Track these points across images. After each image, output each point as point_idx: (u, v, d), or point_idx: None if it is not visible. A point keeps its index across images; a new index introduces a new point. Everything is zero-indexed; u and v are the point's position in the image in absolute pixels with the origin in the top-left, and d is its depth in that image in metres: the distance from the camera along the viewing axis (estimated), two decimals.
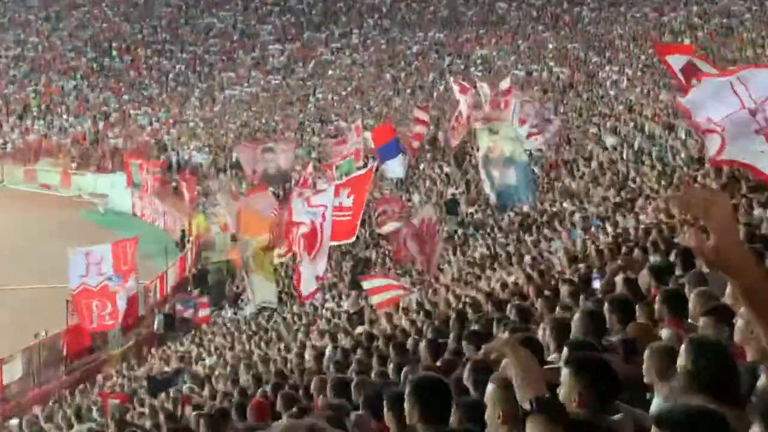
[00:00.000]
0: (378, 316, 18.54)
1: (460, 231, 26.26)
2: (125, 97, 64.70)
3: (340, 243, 23.01)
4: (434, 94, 52.66)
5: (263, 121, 56.50)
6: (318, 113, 55.98)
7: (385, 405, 5.60)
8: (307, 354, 14.93)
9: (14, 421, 21.11)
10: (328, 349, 13.99)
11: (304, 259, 17.71)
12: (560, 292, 11.16)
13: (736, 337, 5.04)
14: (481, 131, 19.52)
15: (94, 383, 25.22)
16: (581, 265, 13.91)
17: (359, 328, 18.04)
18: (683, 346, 4.64)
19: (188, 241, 38.83)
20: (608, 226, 18.20)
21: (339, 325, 19.52)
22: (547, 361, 6.33)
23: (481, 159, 18.93)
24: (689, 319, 6.84)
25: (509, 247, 21.41)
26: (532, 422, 3.87)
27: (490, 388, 4.64)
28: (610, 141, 29.40)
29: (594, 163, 26.94)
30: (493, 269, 19.26)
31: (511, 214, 25.31)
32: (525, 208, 25.17)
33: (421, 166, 36.20)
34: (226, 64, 68.62)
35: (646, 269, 9.97)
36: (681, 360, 4.60)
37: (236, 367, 17.27)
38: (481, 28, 64.24)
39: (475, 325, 11.01)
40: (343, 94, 58.69)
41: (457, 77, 53.15)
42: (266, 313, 25.28)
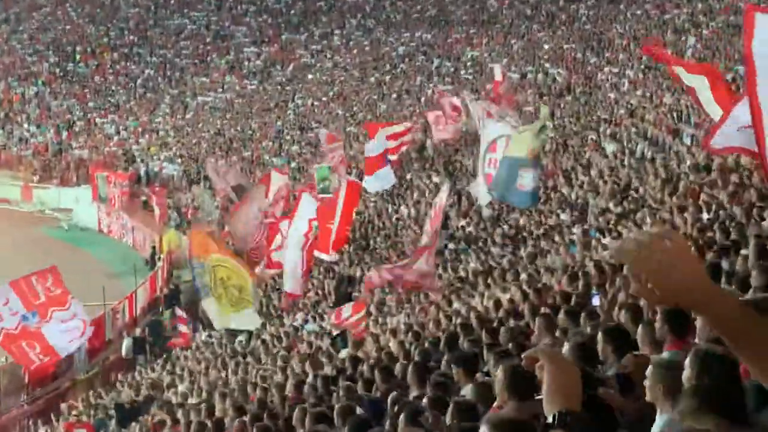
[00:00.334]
0: (364, 338, 18.51)
1: (451, 245, 26.24)
2: (90, 104, 64.64)
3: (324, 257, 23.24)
4: (422, 99, 52.72)
5: (239, 129, 56.48)
6: (297, 120, 56.00)
7: None
8: (289, 382, 14.87)
9: None
10: (309, 377, 13.95)
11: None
12: (558, 312, 11.15)
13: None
14: (520, 134, 19.51)
15: (59, 413, 25.08)
16: (580, 282, 13.91)
17: (343, 352, 18.01)
18: (688, 359, 4.65)
19: (159, 259, 38.71)
20: (608, 239, 18.21)
21: (321, 349, 19.47)
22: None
23: (507, 157, 18.90)
24: (696, 339, 6.81)
25: (503, 263, 21.39)
26: None
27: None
28: (611, 148, 29.45)
29: (594, 172, 26.98)
30: (487, 285, 19.22)
31: (506, 227, 25.32)
32: (521, 222, 25.20)
33: (409, 176, 36.20)
34: (199, 69, 68.64)
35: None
36: (686, 373, 4.61)
37: (211, 394, 17.20)
38: (472, 27, 64.44)
39: (465, 349, 10.99)
40: (325, 99, 58.73)
41: (445, 81, 53.45)
42: (241, 339, 25.23)
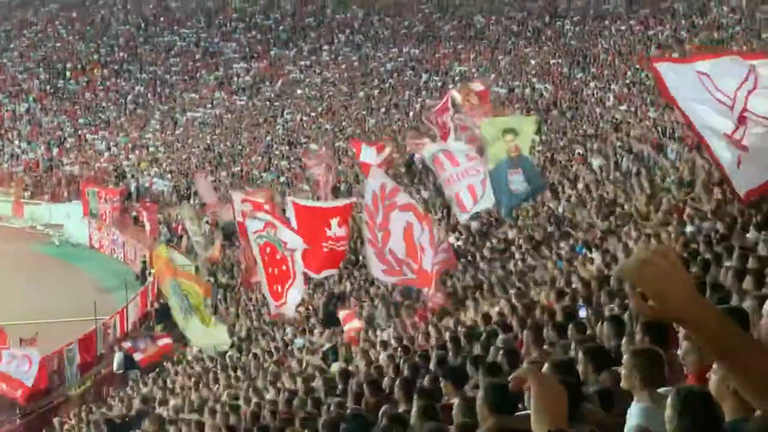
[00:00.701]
0: (354, 353, 18.60)
1: None
2: (81, 120, 64.59)
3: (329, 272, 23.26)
4: (410, 113, 52.86)
5: (228, 145, 56.52)
6: (287, 135, 56.06)
7: None
8: (280, 397, 14.95)
9: None
10: (300, 393, 14.02)
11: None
12: (546, 325, 11.26)
13: (713, 392, 4.95)
14: (490, 126, 19.65)
15: (51, 427, 25.05)
16: (566, 297, 14.02)
17: (334, 366, 18.08)
18: (669, 398, 4.75)
19: (149, 274, 38.68)
20: (595, 254, 18.33)
21: (311, 364, 19.52)
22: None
23: (497, 167, 19.03)
24: (679, 350, 6.90)
25: (492, 277, 21.50)
26: None
27: None
28: (597, 162, 29.62)
29: (580, 186, 27.13)
30: (475, 300, 19.32)
31: (494, 240, 25.44)
32: (510, 235, 25.32)
33: None
34: (189, 85, 68.68)
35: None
36: (668, 412, 4.71)
37: (202, 409, 17.23)
38: (459, 43, 64.62)
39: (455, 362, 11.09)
40: (313, 114, 58.81)
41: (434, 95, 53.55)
42: (230, 354, 25.26)
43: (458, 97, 27.38)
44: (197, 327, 24.72)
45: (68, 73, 69.93)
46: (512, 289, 18.11)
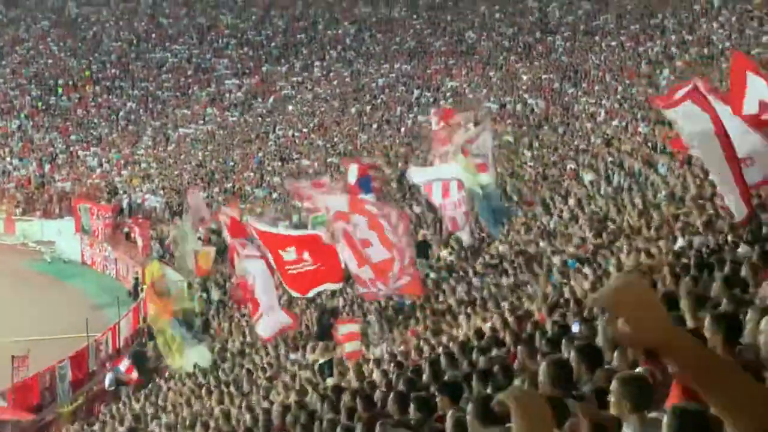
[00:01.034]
0: (348, 368, 18.58)
1: (432, 275, 26.33)
2: (73, 137, 64.55)
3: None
4: (402, 129, 52.95)
5: (220, 161, 56.53)
6: (278, 151, 56.09)
7: None
8: (274, 410, 14.92)
9: None
10: (293, 407, 14.00)
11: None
12: (539, 339, 11.31)
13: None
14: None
15: None
16: (558, 312, 14.07)
17: (329, 380, 18.07)
18: (666, 418, 4.80)
19: (142, 290, 38.60)
20: (587, 269, 18.36)
21: (305, 378, 19.51)
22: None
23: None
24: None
25: (485, 292, 21.52)
26: None
27: None
28: (588, 177, 29.70)
29: (572, 201, 27.19)
30: (468, 315, 19.33)
31: (487, 256, 25.47)
32: (501, 249, 25.36)
33: None
34: (180, 101, 68.72)
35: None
36: (664, 430, 4.77)
37: (194, 427, 17.20)
38: (451, 58, 64.79)
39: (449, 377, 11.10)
40: (305, 130, 58.85)
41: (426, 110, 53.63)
42: (225, 366, 25.24)
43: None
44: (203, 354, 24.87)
45: (60, 90, 69.93)
46: (505, 304, 18.14)
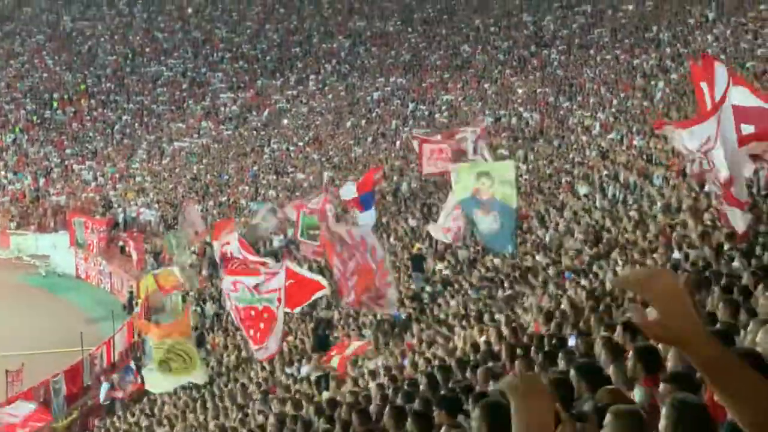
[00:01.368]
0: (345, 381, 18.57)
1: (428, 288, 26.31)
2: (68, 151, 64.57)
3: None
4: (397, 143, 52.97)
5: (215, 174, 56.51)
6: (273, 164, 56.09)
7: None
8: (269, 423, 14.89)
9: None
10: (289, 420, 13.97)
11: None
12: (536, 352, 11.26)
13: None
14: (465, 171, 19.73)
15: None
16: (554, 323, 14.04)
17: (325, 394, 18.05)
18: (664, 409, 4.76)
19: (137, 304, 38.54)
20: (583, 280, 18.35)
21: (300, 391, 19.49)
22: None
23: (462, 201, 19.18)
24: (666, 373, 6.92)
25: (480, 305, 21.50)
26: None
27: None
28: (583, 190, 29.71)
29: (567, 213, 27.18)
30: (463, 328, 19.31)
31: (482, 269, 25.43)
32: (496, 262, 25.33)
33: (384, 220, 36.26)
34: (175, 114, 68.76)
35: (619, 326, 10.10)
36: (662, 423, 4.72)
37: None
38: (446, 72, 64.93)
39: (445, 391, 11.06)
40: (300, 144, 58.89)
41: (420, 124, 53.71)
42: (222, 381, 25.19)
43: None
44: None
45: (55, 104, 69.96)
46: (500, 317, 18.11)
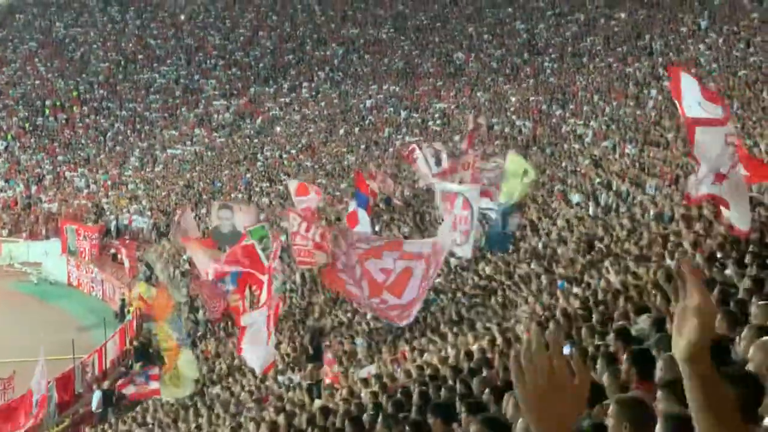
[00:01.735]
0: (338, 388, 18.56)
1: None
2: (60, 158, 64.49)
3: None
4: (390, 150, 53.00)
5: (208, 182, 56.48)
6: (266, 172, 56.07)
7: None
8: (262, 430, 14.89)
9: None
10: (282, 428, 13.98)
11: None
12: None
13: None
14: (513, 176, 20.00)
15: None
16: (548, 332, 14.04)
17: (317, 402, 18.03)
18: (658, 426, 4.79)
19: (128, 312, 38.48)
20: (576, 289, 18.38)
21: (293, 400, 19.47)
22: None
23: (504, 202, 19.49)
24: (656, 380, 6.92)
25: (473, 312, 21.52)
26: None
27: None
28: (576, 198, 29.76)
29: (560, 222, 27.22)
30: (456, 336, 19.32)
31: (475, 278, 25.44)
32: (487, 270, 25.34)
33: (377, 228, 36.24)
34: (168, 122, 68.74)
35: (612, 332, 10.13)
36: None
37: None
38: (439, 80, 65.03)
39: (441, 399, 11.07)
40: (293, 151, 58.88)
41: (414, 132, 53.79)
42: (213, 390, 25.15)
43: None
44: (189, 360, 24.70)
45: (47, 111, 69.89)
46: (493, 325, 18.13)
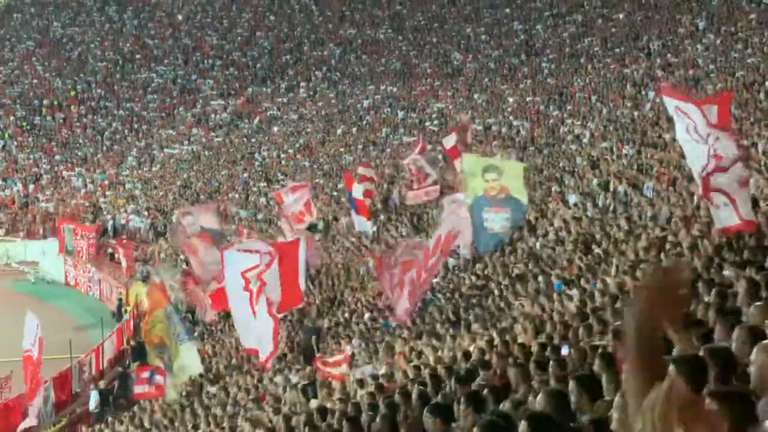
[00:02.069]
0: (334, 388, 18.57)
1: None
2: (57, 157, 64.45)
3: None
4: (388, 150, 53.04)
5: (205, 181, 56.49)
6: (264, 172, 56.09)
7: None
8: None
9: None
10: (281, 429, 13.99)
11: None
12: (528, 361, 11.30)
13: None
14: (473, 162, 20.04)
15: None
16: (545, 334, 14.09)
17: (313, 402, 18.04)
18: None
19: (126, 311, 38.51)
20: (573, 290, 18.40)
21: (290, 399, 19.49)
22: None
23: (474, 201, 19.49)
24: None
25: (470, 313, 21.53)
26: None
27: None
28: (573, 199, 29.77)
29: (557, 222, 27.23)
30: (453, 337, 19.35)
31: (473, 278, 25.48)
32: (486, 271, 25.38)
33: (375, 228, 36.28)
34: (165, 121, 68.73)
35: (611, 334, 10.16)
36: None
37: None
38: (436, 80, 65.07)
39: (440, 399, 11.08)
40: (291, 151, 58.90)
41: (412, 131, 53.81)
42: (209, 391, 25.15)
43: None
44: (191, 354, 24.74)
45: (44, 110, 69.87)
46: (491, 326, 18.16)
